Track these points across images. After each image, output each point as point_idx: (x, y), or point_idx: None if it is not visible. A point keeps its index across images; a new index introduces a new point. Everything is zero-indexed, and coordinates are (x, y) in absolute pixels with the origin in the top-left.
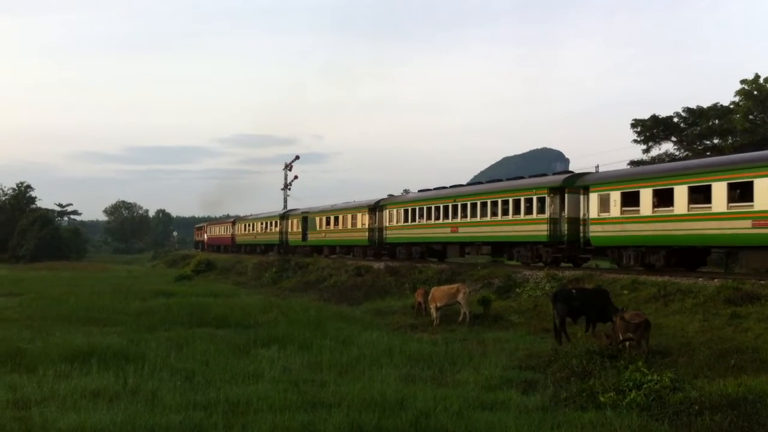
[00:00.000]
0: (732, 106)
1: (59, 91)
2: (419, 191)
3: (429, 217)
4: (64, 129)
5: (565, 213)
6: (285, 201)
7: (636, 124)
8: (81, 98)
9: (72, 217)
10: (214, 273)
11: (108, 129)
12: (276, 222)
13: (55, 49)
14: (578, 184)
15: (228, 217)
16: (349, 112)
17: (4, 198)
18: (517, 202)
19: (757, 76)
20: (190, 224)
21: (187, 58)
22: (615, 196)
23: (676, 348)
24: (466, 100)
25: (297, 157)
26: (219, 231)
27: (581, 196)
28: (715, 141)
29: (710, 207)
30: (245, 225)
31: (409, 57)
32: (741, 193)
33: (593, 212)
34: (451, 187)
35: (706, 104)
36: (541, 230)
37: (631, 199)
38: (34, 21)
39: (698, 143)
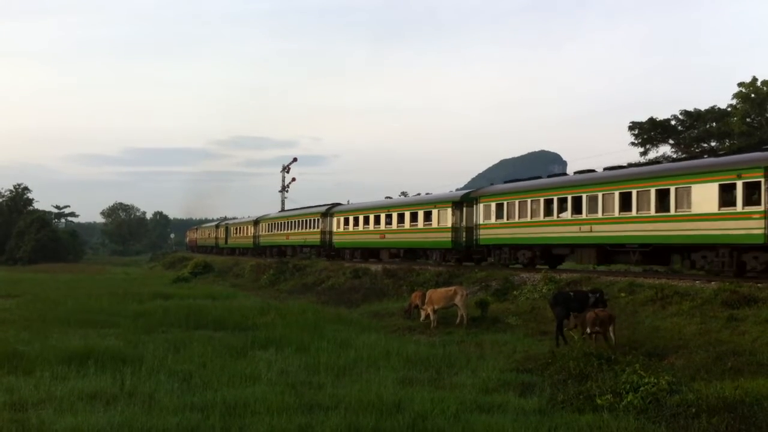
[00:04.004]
0: (729, 109)
1: (57, 94)
2: (279, 211)
3: (279, 229)
4: (61, 131)
5: (328, 228)
6: (282, 203)
7: (634, 126)
8: (79, 100)
9: (69, 219)
10: (212, 275)
11: (106, 131)
12: (213, 230)
13: (52, 51)
14: (330, 212)
15: (225, 219)
16: (348, 115)
17: (1, 200)
18: (307, 221)
19: (755, 79)
20: (188, 226)
21: (185, 60)
22: (341, 220)
23: (674, 350)
24: (465, 103)
25: (294, 159)
26: (193, 235)
27: (333, 219)
28: (713, 144)
29: (392, 226)
30: (202, 231)
31: (409, 60)
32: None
33: (335, 228)
34: (292, 209)
35: (703, 107)
36: (317, 238)
37: (354, 222)
38: (32, 24)
39: (696, 146)
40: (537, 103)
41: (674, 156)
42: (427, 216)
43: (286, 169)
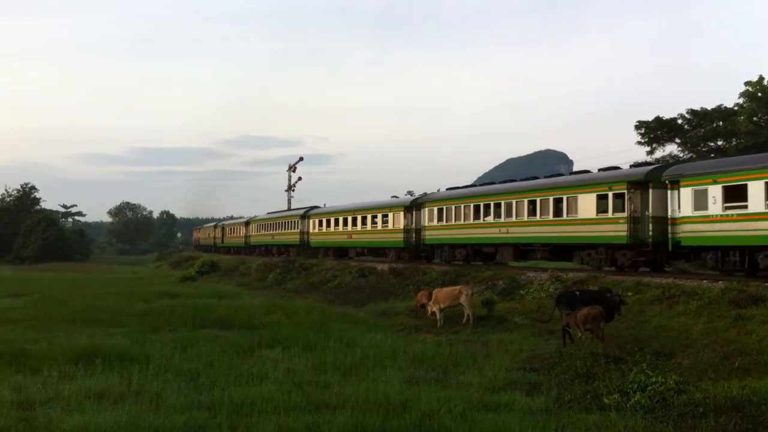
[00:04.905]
0: (736, 108)
1: (64, 93)
2: (267, 213)
3: (266, 229)
4: (68, 131)
5: (306, 229)
6: (289, 202)
7: (640, 125)
8: (86, 100)
9: (76, 218)
10: (218, 274)
11: (113, 130)
12: (212, 230)
13: (59, 50)
14: (308, 214)
15: (231, 218)
16: (354, 114)
17: (8, 199)
18: (289, 223)
19: (761, 78)
20: (194, 225)
21: (191, 60)
22: (316, 222)
23: (681, 350)
24: (471, 102)
25: (301, 159)
26: (197, 234)
27: (310, 221)
28: (719, 143)
29: (357, 228)
30: (204, 231)
31: (414, 59)
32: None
33: (311, 229)
34: (277, 212)
35: (710, 106)
36: (296, 238)
37: (327, 223)
38: (38, 23)
39: (702, 145)
40: (544, 103)
41: (681, 155)
42: (385, 219)
43: (292, 168)
